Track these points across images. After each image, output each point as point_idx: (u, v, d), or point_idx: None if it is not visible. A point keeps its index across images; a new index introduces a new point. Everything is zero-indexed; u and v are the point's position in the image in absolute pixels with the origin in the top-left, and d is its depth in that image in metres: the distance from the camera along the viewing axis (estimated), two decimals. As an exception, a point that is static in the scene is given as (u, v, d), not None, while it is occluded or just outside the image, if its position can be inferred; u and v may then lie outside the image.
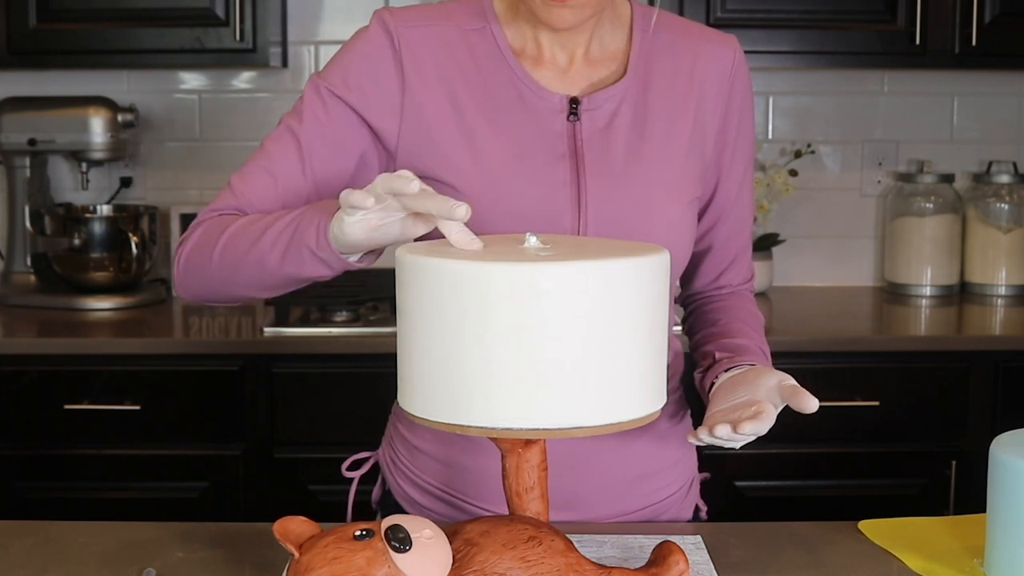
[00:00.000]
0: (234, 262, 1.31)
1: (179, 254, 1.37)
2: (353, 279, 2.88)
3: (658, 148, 1.38)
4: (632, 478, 1.44)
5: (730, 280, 1.54)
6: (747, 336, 1.43)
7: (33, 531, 1.37)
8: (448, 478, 1.44)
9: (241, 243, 1.30)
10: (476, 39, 1.38)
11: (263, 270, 1.28)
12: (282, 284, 1.31)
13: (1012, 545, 1.20)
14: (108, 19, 2.71)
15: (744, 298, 1.54)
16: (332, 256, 1.21)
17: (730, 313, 1.49)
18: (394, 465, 1.50)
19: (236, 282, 1.33)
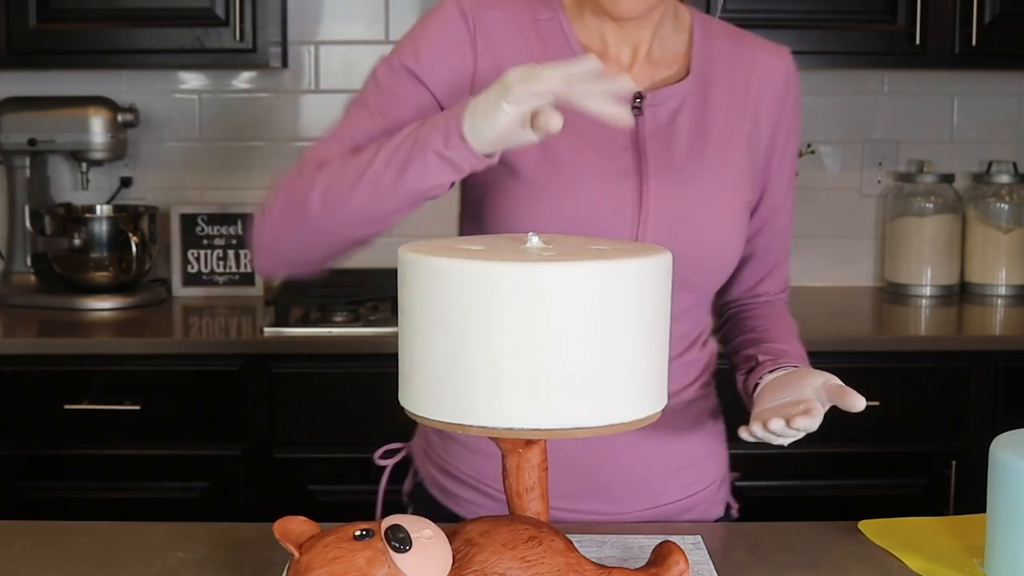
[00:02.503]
0: (340, 198, 1.27)
1: (262, 221, 1.35)
2: (353, 279, 2.88)
3: (717, 149, 1.40)
4: (666, 471, 1.46)
5: (767, 289, 1.56)
6: (787, 342, 1.46)
7: (33, 531, 1.37)
8: (480, 466, 1.45)
9: (346, 176, 1.27)
10: (546, 28, 1.40)
11: (376, 197, 1.25)
12: (396, 208, 1.27)
13: (1012, 545, 1.20)
14: (108, 19, 2.71)
15: (780, 307, 1.57)
16: (464, 153, 1.20)
17: (769, 320, 1.51)
18: (426, 456, 1.52)
19: (339, 225, 1.30)
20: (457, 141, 1.19)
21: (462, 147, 1.19)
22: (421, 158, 1.22)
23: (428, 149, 1.21)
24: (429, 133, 1.22)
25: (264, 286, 2.96)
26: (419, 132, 1.23)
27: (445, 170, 1.22)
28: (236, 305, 2.87)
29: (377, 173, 1.25)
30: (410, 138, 1.24)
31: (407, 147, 1.23)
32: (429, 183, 1.23)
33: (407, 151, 1.23)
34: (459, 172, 1.22)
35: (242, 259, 2.95)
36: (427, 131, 1.22)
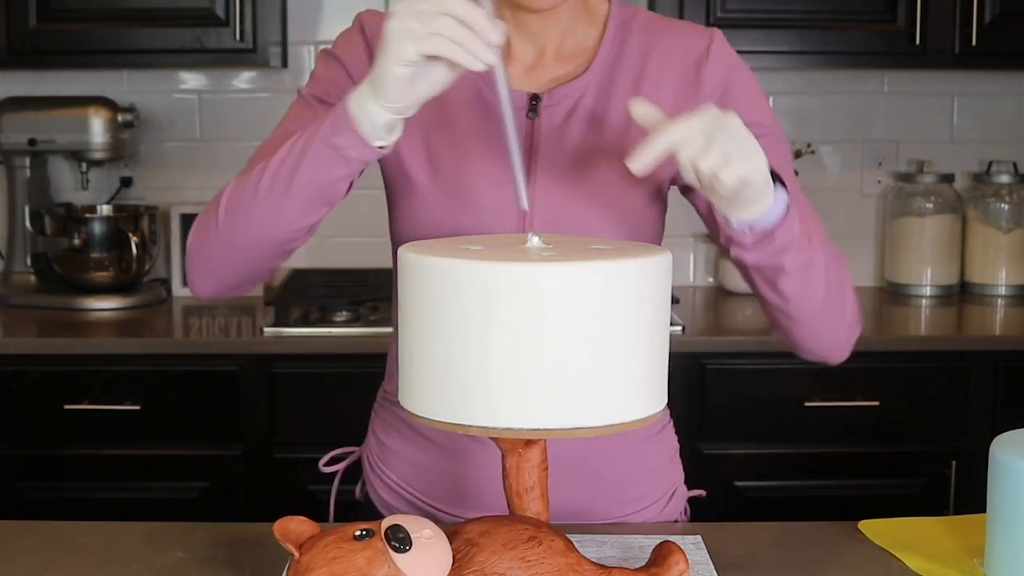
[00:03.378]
0: (243, 211, 1.25)
1: (188, 241, 1.33)
2: (353, 279, 2.88)
3: (617, 140, 1.35)
4: (600, 488, 1.43)
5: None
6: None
7: (33, 531, 1.37)
8: (415, 480, 1.44)
9: (246, 186, 1.26)
10: None
11: (275, 198, 1.22)
12: (296, 213, 1.24)
13: (1012, 545, 1.20)
14: (108, 19, 2.71)
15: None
16: (351, 139, 1.17)
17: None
18: (370, 466, 1.51)
19: (243, 240, 1.27)
20: (343, 126, 1.17)
21: (349, 133, 1.16)
22: (311, 150, 1.19)
23: (316, 139, 1.19)
24: (319, 126, 1.20)
25: (264, 286, 2.96)
26: (314, 126, 1.21)
27: (335, 161, 1.19)
28: (236, 305, 2.87)
29: (274, 173, 1.22)
30: (305, 133, 1.22)
31: (301, 142, 1.21)
32: (322, 178, 1.20)
33: (299, 147, 1.21)
34: (348, 163, 1.19)
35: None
36: (318, 125, 1.20)
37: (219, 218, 1.27)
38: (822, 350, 1.39)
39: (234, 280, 1.34)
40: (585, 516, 1.42)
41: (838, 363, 1.41)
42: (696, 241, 3.12)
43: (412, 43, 1.09)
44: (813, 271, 1.27)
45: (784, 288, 1.27)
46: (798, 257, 1.24)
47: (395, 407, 1.46)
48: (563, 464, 1.31)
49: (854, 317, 1.37)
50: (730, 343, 2.58)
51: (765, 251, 1.22)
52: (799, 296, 1.28)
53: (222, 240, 1.28)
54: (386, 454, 1.48)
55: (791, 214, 1.21)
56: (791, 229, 1.21)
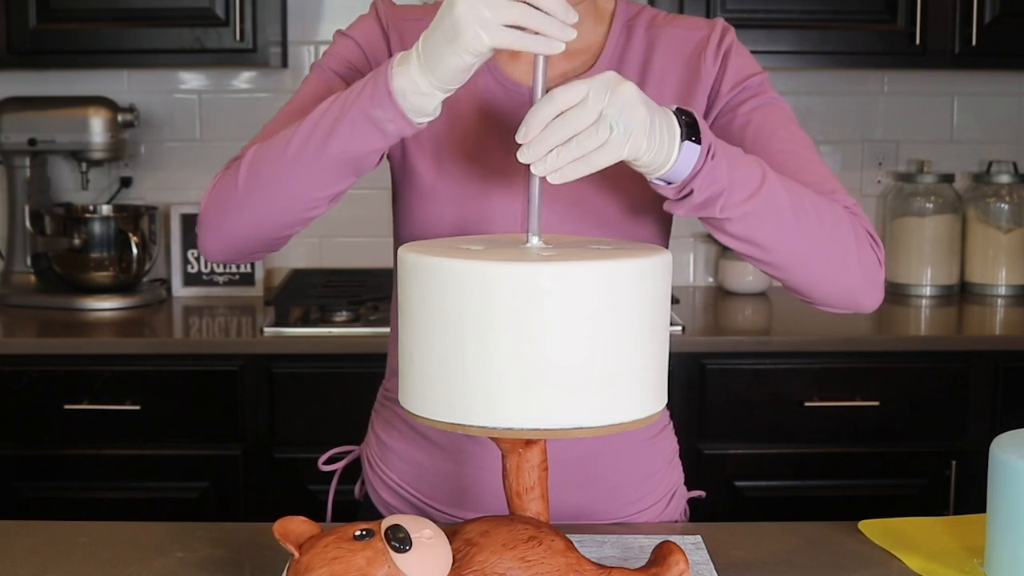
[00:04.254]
0: (267, 173, 1.23)
1: (205, 200, 1.30)
2: (353, 279, 2.88)
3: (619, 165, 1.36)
4: (600, 490, 1.43)
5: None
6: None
7: (33, 531, 1.37)
8: (414, 480, 1.44)
9: (270, 149, 1.23)
10: None
11: (301, 166, 1.20)
12: (322, 182, 1.21)
13: (1012, 545, 1.20)
14: (108, 19, 2.71)
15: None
16: (391, 112, 1.14)
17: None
18: (370, 465, 1.51)
19: (266, 202, 1.24)
20: (384, 99, 1.14)
21: (388, 103, 1.14)
22: (347, 118, 1.17)
23: (354, 108, 1.16)
24: (357, 93, 1.16)
25: (264, 286, 2.97)
26: (346, 94, 1.18)
27: (370, 132, 1.16)
28: (236, 305, 2.88)
29: (303, 139, 1.20)
30: (338, 100, 1.19)
31: (335, 109, 1.18)
32: (356, 148, 1.18)
33: (334, 113, 1.18)
34: (386, 136, 1.17)
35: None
36: (355, 92, 1.17)
37: (239, 180, 1.25)
38: (836, 298, 1.30)
39: (248, 246, 1.31)
40: (586, 518, 1.42)
41: (870, 310, 1.32)
42: (696, 241, 3.12)
43: (486, 33, 1.07)
44: (769, 214, 1.20)
45: (736, 231, 1.20)
46: (739, 205, 1.18)
47: (396, 406, 1.46)
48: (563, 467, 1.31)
49: (865, 257, 1.28)
50: (730, 343, 2.58)
51: (689, 204, 1.17)
52: (760, 238, 1.21)
53: (242, 202, 1.26)
54: (386, 453, 1.48)
55: (714, 165, 1.14)
56: (713, 179, 1.15)
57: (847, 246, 1.27)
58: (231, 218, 1.28)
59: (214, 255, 1.32)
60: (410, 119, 1.15)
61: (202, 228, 1.31)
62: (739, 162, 1.19)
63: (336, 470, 1.56)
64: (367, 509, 1.51)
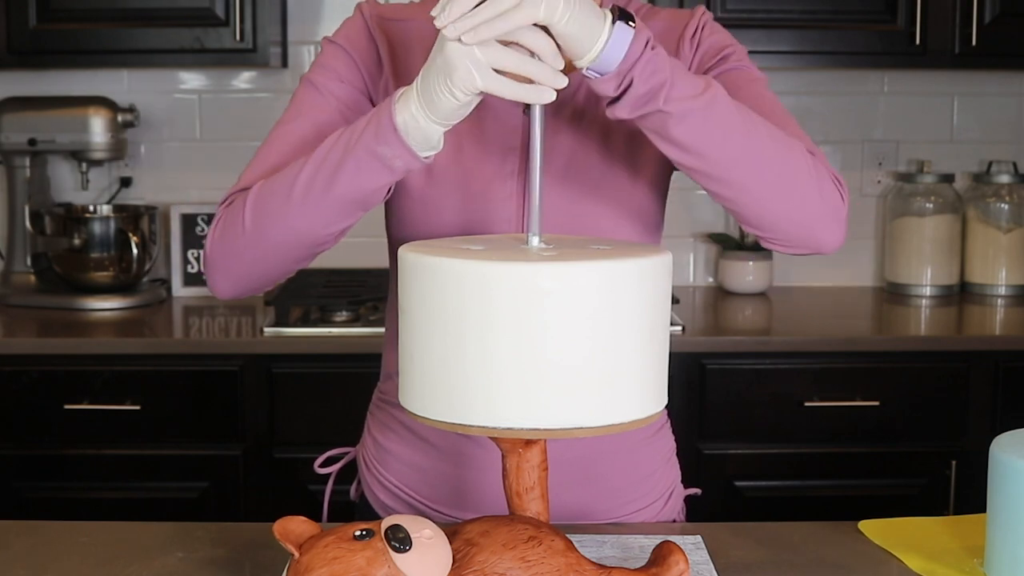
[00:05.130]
0: (273, 214, 1.22)
1: (208, 240, 1.30)
2: (353, 279, 2.88)
3: (611, 130, 1.35)
4: (600, 490, 1.43)
5: None
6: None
7: (33, 531, 1.37)
8: (415, 483, 1.44)
9: (274, 188, 1.23)
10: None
11: (307, 206, 1.20)
12: (328, 220, 1.22)
13: (1012, 545, 1.20)
14: (108, 19, 2.71)
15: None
16: (397, 148, 1.14)
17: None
18: (367, 467, 1.51)
19: (273, 243, 1.24)
20: (389, 136, 1.14)
21: (394, 140, 1.14)
22: (352, 157, 1.17)
23: (359, 146, 1.16)
24: (361, 131, 1.17)
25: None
26: (350, 132, 1.18)
27: (377, 170, 1.17)
28: (236, 305, 2.87)
29: (308, 180, 1.20)
30: (341, 140, 1.19)
31: (338, 150, 1.18)
32: (364, 186, 1.19)
33: (338, 153, 1.18)
34: (393, 172, 1.17)
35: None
36: (358, 130, 1.17)
37: (245, 221, 1.25)
38: (794, 229, 1.23)
39: (258, 283, 1.32)
40: (585, 518, 1.42)
41: (831, 249, 1.25)
42: (696, 241, 3.12)
43: (479, 75, 1.07)
44: (716, 118, 1.16)
45: (681, 135, 1.16)
46: (683, 101, 1.13)
47: (392, 408, 1.46)
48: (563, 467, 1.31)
49: (825, 188, 1.23)
50: (730, 343, 2.58)
51: (631, 99, 1.13)
52: (706, 145, 1.17)
53: (249, 243, 1.26)
54: (383, 456, 1.47)
55: (655, 55, 1.12)
56: (654, 68, 1.12)
57: (802, 172, 1.21)
58: (239, 260, 1.28)
59: (225, 295, 1.32)
60: (416, 154, 1.16)
61: (210, 270, 1.31)
62: (683, 67, 1.17)
63: (332, 473, 1.55)
64: (363, 510, 1.51)
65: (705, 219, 3.09)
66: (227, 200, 1.31)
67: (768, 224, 1.24)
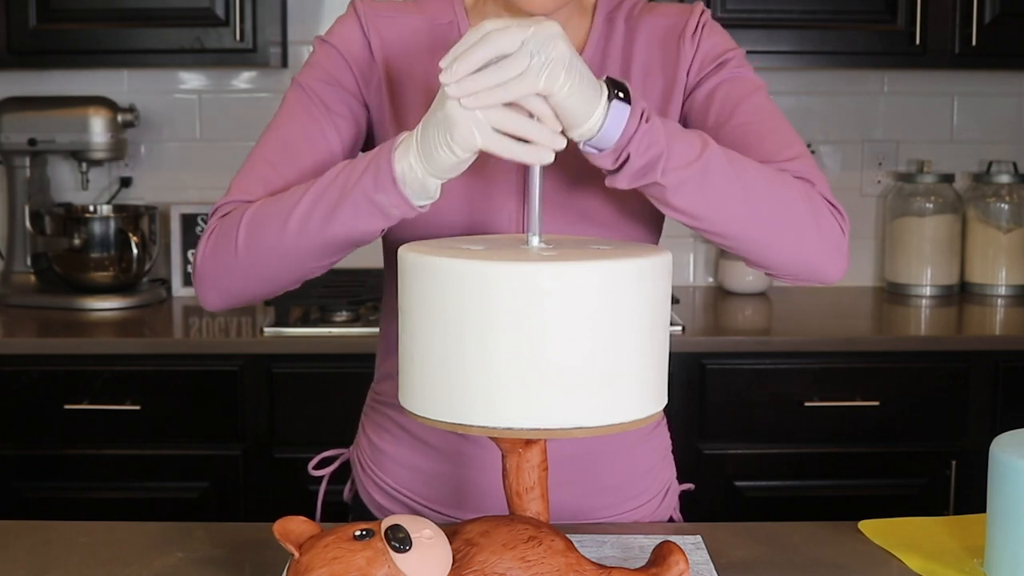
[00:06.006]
0: (267, 244, 1.23)
1: (198, 253, 1.31)
2: (353, 279, 2.88)
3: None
4: (598, 488, 1.43)
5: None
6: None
7: (33, 531, 1.37)
8: (413, 484, 1.44)
9: (268, 222, 1.23)
10: (445, 32, 1.38)
11: (301, 240, 1.21)
12: (321, 254, 1.23)
13: (1012, 545, 1.20)
14: (108, 19, 2.71)
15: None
16: (395, 198, 1.14)
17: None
18: (362, 468, 1.51)
19: (264, 269, 1.26)
20: (387, 185, 1.14)
21: (392, 190, 1.14)
22: (350, 200, 1.17)
23: (356, 190, 1.16)
24: (359, 175, 1.17)
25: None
26: (347, 173, 1.19)
27: (373, 215, 1.17)
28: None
29: (303, 216, 1.20)
30: (339, 180, 1.19)
31: (335, 190, 1.19)
32: (359, 229, 1.19)
33: (335, 194, 1.18)
34: (387, 219, 1.18)
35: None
36: (357, 172, 1.17)
37: (238, 244, 1.26)
38: (796, 268, 1.28)
39: (246, 300, 1.33)
40: (583, 516, 1.42)
41: (834, 280, 1.30)
42: (696, 241, 3.12)
43: (479, 135, 1.07)
44: (713, 180, 1.18)
45: (680, 202, 1.18)
46: (679, 170, 1.15)
47: (387, 410, 1.46)
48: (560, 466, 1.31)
49: (824, 225, 1.27)
50: (730, 343, 2.58)
51: (629, 172, 1.14)
52: (705, 208, 1.19)
53: (241, 267, 1.27)
54: (379, 457, 1.47)
55: (649, 128, 1.12)
56: (650, 142, 1.13)
57: (800, 214, 1.24)
58: (230, 279, 1.29)
59: (213, 308, 1.34)
60: (412, 204, 1.16)
61: (200, 282, 1.31)
62: (677, 130, 1.17)
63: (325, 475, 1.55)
64: (357, 512, 1.51)
65: (705, 219, 3.09)
66: (217, 211, 1.32)
67: (772, 265, 1.28)
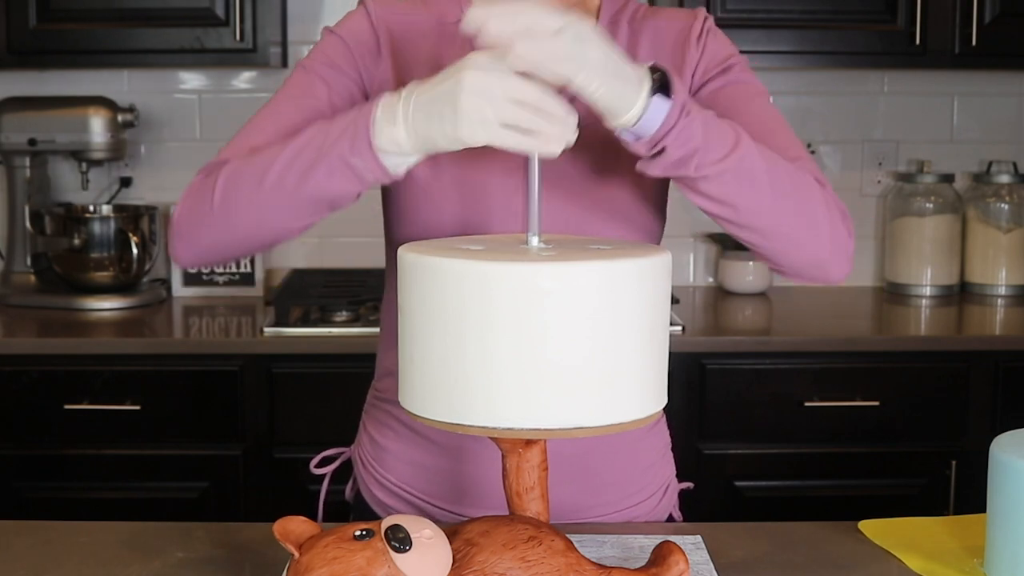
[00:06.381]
0: (242, 199, 1.23)
1: (177, 206, 1.30)
2: (353, 279, 2.88)
3: (609, 135, 1.36)
4: (594, 487, 1.43)
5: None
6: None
7: (33, 531, 1.37)
8: (416, 480, 1.44)
9: (247, 172, 1.23)
10: (453, 31, 1.38)
11: (277, 198, 1.20)
12: (297, 214, 1.22)
13: (1012, 545, 1.20)
14: (108, 19, 2.71)
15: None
16: (370, 162, 1.13)
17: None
18: (363, 466, 1.51)
19: (239, 226, 1.24)
20: (364, 150, 1.14)
21: (368, 155, 1.14)
22: (325, 161, 1.16)
23: (333, 152, 1.16)
24: (337, 136, 1.16)
25: (264, 286, 2.97)
26: (326, 133, 1.18)
27: (348, 178, 1.16)
28: (236, 305, 2.88)
29: (280, 172, 1.20)
30: (316, 139, 1.18)
31: (312, 149, 1.18)
32: (332, 190, 1.18)
33: (312, 154, 1.18)
34: (362, 183, 1.17)
35: (242, 259, 2.95)
36: (335, 134, 1.17)
37: (215, 198, 1.25)
38: (807, 265, 1.30)
39: (219, 257, 1.32)
40: (583, 513, 1.42)
41: (838, 281, 1.32)
42: (696, 241, 3.12)
43: (484, 130, 1.06)
44: (744, 175, 1.19)
45: (711, 191, 1.19)
46: (714, 164, 1.16)
47: (389, 406, 1.46)
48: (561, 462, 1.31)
49: (835, 226, 1.29)
50: (730, 343, 2.58)
51: (663, 163, 1.15)
52: (734, 199, 1.20)
53: (216, 223, 1.26)
54: (380, 454, 1.47)
55: (688, 122, 1.13)
56: (688, 137, 1.14)
57: (818, 213, 1.27)
58: (204, 233, 1.28)
59: (184, 263, 1.33)
60: (388, 171, 1.16)
61: (174, 237, 1.31)
62: (713, 123, 1.18)
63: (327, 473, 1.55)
64: (359, 510, 1.51)
65: (705, 219, 3.06)
66: (202, 171, 1.31)
67: (788, 261, 1.29)
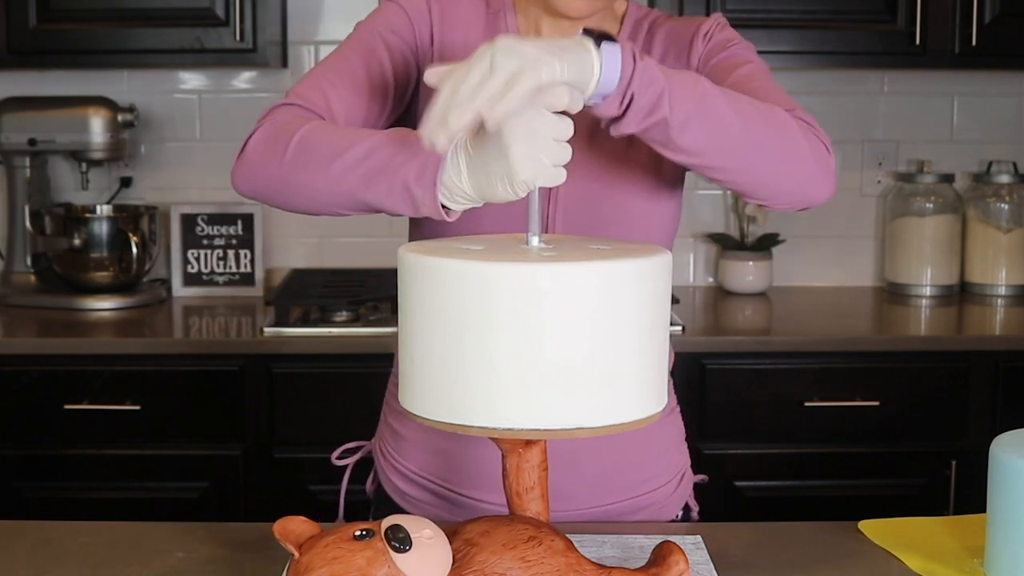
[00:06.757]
0: (310, 172, 1.24)
1: (247, 141, 1.31)
2: (353, 279, 2.88)
3: (624, 148, 1.40)
4: (610, 470, 1.45)
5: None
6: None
7: (33, 531, 1.37)
8: (436, 467, 1.46)
9: (319, 150, 1.24)
10: (493, 21, 1.44)
11: (339, 187, 1.22)
12: (352, 206, 1.24)
13: (1012, 545, 1.20)
14: (108, 19, 2.71)
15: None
16: (428, 199, 1.14)
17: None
18: (383, 456, 1.52)
19: (301, 189, 1.26)
20: (428, 185, 1.14)
21: (430, 190, 1.14)
22: (389, 179, 1.17)
23: (399, 174, 1.16)
24: (408, 158, 1.17)
25: (264, 286, 2.97)
26: (399, 146, 1.19)
27: (404, 202, 1.17)
28: (236, 305, 2.88)
29: (346, 167, 1.21)
30: (388, 149, 1.19)
31: (382, 159, 1.19)
32: (386, 206, 1.20)
33: (380, 164, 1.19)
34: (416, 211, 1.18)
35: (242, 259, 2.95)
36: (407, 153, 1.17)
37: (286, 157, 1.26)
38: (790, 192, 1.28)
39: (269, 202, 1.33)
40: (606, 495, 1.44)
41: (822, 202, 1.29)
42: (696, 241, 3.12)
43: (542, 175, 1.07)
44: (713, 110, 1.18)
45: (684, 143, 1.18)
46: (683, 101, 1.16)
47: None
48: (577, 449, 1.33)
49: (813, 143, 1.27)
50: (730, 343, 2.58)
51: (637, 112, 1.14)
52: (711, 141, 1.19)
53: (278, 177, 1.27)
54: (401, 443, 1.49)
55: (645, 65, 1.13)
56: (650, 78, 1.13)
57: (792, 135, 1.25)
58: (265, 178, 1.29)
59: (239, 191, 1.33)
60: (442, 212, 1.16)
61: (241, 164, 1.31)
62: (671, 69, 1.18)
63: (348, 465, 1.56)
64: (380, 503, 1.53)
65: (705, 219, 3.09)
66: (275, 108, 1.32)
67: (767, 195, 1.28)
